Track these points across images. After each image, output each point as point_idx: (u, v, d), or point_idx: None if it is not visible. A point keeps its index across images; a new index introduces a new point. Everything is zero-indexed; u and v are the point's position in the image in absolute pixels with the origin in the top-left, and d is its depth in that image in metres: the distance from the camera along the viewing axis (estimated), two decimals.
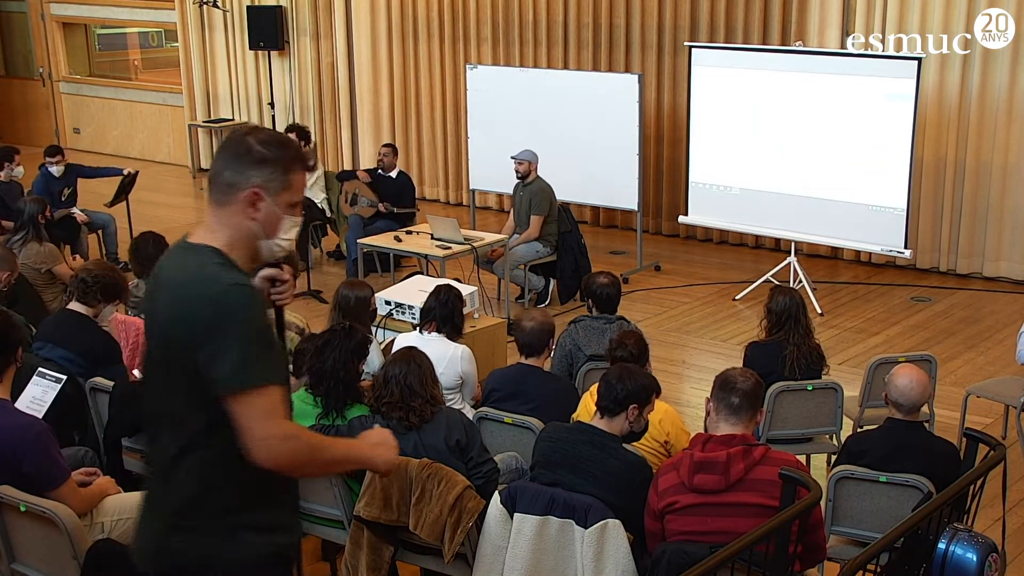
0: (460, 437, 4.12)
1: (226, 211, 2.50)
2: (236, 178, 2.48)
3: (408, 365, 4.23)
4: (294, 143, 2.62)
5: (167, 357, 2.43)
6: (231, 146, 2.50)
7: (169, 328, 2.42)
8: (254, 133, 2.51)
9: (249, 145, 2.48)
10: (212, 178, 2.52)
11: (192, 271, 2.43)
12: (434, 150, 12.34)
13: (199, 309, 2.36)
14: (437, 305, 5.33)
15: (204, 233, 2.52)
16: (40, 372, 4.45)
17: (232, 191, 2.48)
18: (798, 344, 5.27)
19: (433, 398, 4.22)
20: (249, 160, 2.48)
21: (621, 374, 3.97)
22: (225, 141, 2.52)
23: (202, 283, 2.39)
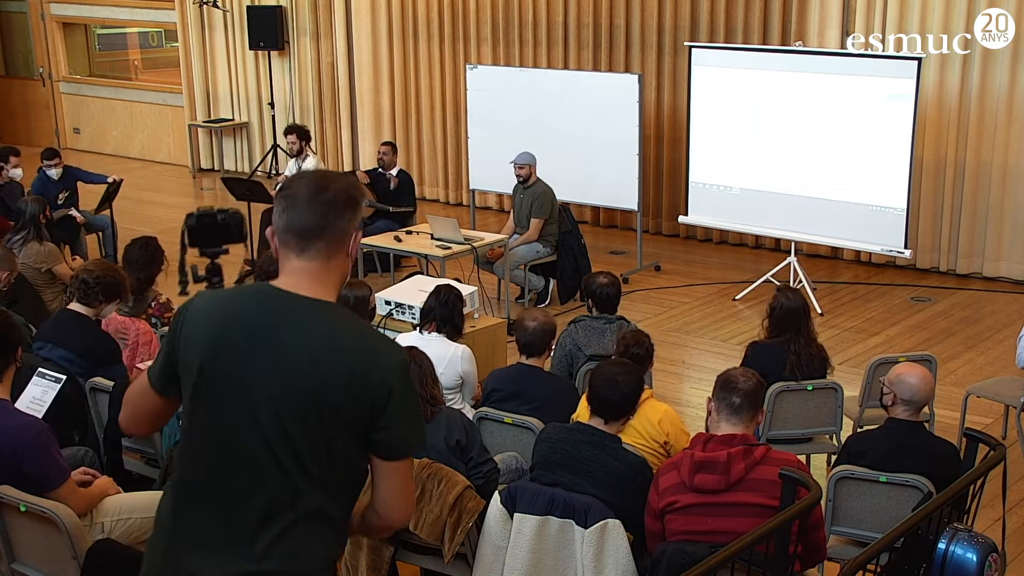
0: (460, 437, 4.11)
1: (336, 261, 2.41)
2: (347, 226, 2.40)
3: (408, 365, 4.22)
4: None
5: (308, 419, 2.30)
6: (326, 195, 2.37)
7: (335, 397, 2.30)
8: (328, 178, 2.43)
9: (340, 189, 2.40)
10: (313, 231, 2.36)
11: (355, 340, 2.36)
12: (434, 150, 12.35)
13: (380, 381, 2.31)
14: (437, 305, 5.33)
15: (314, 287, 2.38)
16: (40, 372, 4.44)
17: (344, 240, 2.41)
18: (799, 352, 5.26)
19: (433, 398, 4.21)
20: (349, 204, 2.41)
21: (611, 383, 3.93)
22: (312, 190, 2.37)
23: (376, 355, 2.35)
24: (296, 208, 2.36)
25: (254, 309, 2.38)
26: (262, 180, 11.34)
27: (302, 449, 2.29)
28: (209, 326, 2.37)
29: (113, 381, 4.83)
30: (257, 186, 9.59)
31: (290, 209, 2.37)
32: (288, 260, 2.40)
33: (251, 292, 2.49)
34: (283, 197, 2.40)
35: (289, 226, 2.38)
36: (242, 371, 2.31)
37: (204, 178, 14.07)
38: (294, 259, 2.38)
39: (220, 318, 2.38)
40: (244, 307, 2.40)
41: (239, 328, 2.35)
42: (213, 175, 14.05)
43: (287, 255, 2.40)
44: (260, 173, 13.39)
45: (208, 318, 2.39)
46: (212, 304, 2.44)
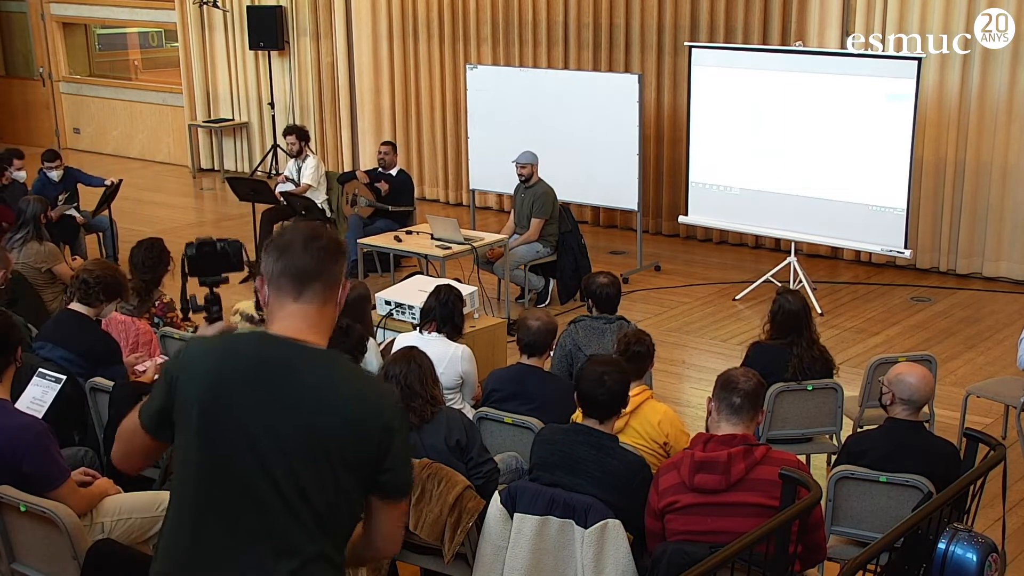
0: (460, 437, 4.12)
1: (329, 307, 2.47)
2: (339, 272, 2.49)
3: (408, 365, 4.23)
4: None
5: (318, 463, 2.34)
6: (321, 242, 2.45)
7: (342, 441, 2.34)
8: (317, 228, 2.51)
9: (332, 238, 2.50)
10: (311, 273, 2.42)
11: (355, 385, 2.41)
12: (434, 150, 12.35)
13: (384, 424, 2.36)
14: (437, 305, 5.33)
15: (311, 332, 2.43)
16: (40, 372, 4.44)
17: (337, 285, 2.47)
18: (801, 355, 5.25)
19: (433, 398, 4.21)
20: (340, 253, 2.50)
21: (597, 382, 3.90)
22: (306, 237, 2.45)
23: (377, 398, 2.41)
24: (292, 253, 2.43)
25: (254, 356, 2.41)
26: (262, 180, 11.34)
27: (312, 493, 2.32)
28: (207, 373, 2.39)
29: (113, 381, 4.84)
30: (261, 185, 9.60)
31: (286, 255, 2.43)
32: (284, 305, 2.43)
33: (250, 338, 2.53)
34: (276, 246, 2.45)
35: (285, 270, 2.43)
36: (245, 418, 2.34)
37: (204, 178, 14.07)
38: (291, 303, 2.43)
39: (219, 365, 2.40)
40: (244, 353, 2.43)
41: (239, 374, 2.38)
42: (213, 175, 14.06)
43: (283, 300, 2.43)
44: (260, 173, 13.40)
45: (206, 364, 2.41)
46: (210, 351, 2.47)
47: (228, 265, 4.04)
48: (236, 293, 8.76)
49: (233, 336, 2.54)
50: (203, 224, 12.04)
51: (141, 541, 3.92)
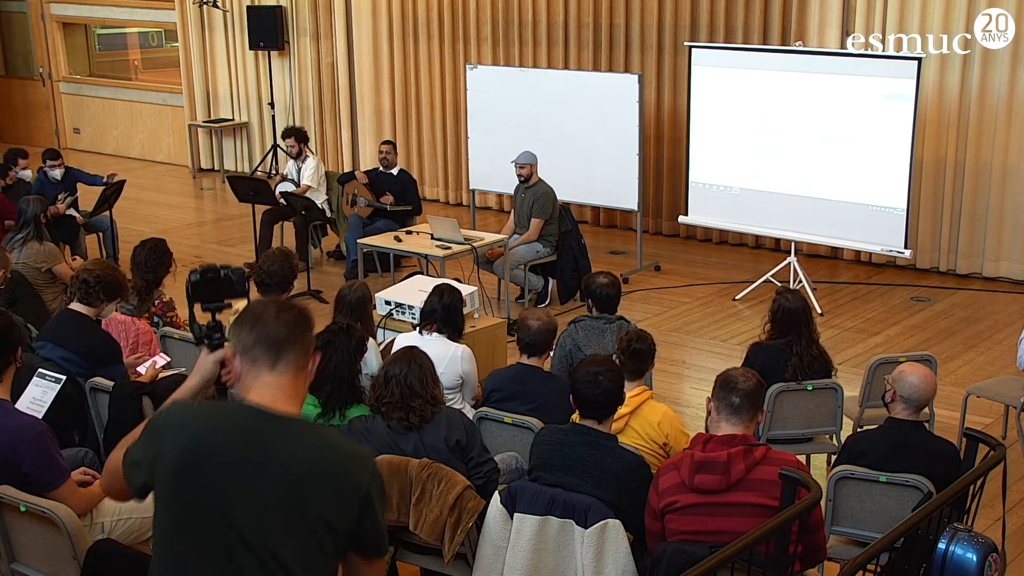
0: (460, 437, 4.11)
1: (302, 376, 2.51)
2: (311, 341, 2.54)
3: (408, 365, 4.22)
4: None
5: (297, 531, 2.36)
6: (293, 312, 2.52)
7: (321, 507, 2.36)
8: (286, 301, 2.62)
9: (301, 309, 2.56)
10: (285, 342, 2.47)
11: (332, 451, 2.43)
12: (434, 150, 12.35)
13: (362, 487, 2.39)
14: (439, 307, 5.32)
15: (287, 402, 2.47)
16: (40, 372, 4.44)
17: (309, 354, 2.53)
18: (800, 354, 5.25)
19: (434, 398, 4.21)
20: (310, 322, 2.56)
21: (592, 382, 3.90)
22: (276, 308, 2.51)
23: (354, 462, 2.44)
24: (265, 323, 2.47)
25: (233, 426, 2.43)
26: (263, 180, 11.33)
27: (291, 560, 2.34)
28: (187, 441, 2.40)
29: (113, 381, 4.83)
30: (262, 185, 9.59)
31: (259, 325, 2.48)
32: (259, 376, 2.47)
33: (230, 408, 2.54)
34: (248, 318, 2.50)
35: (259, 340, 2.47)
36: (223, 488, 2.36)
37: (204, 178, 14.07)
38: (266, 373, 2.46)
39: (198, 433, 2.42)
40: (223, 423, 2.44)
41: (218, 444, 2.39)
42: (213, 175, 14.06)
43: (257, 371, 2.47)
44: (260, 173, 13.40)
45: (186, 432, 2.42)
46: (190, 419, 2.46)
47: (231, 292, 4.06)
48: None
49: (211, 406, 2.54)
50: (203, 224, 12.04)
51: (141, 541, 3.92)
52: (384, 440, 4.08)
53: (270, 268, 5.67)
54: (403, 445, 4.06)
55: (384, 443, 4.08)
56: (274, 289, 5.68)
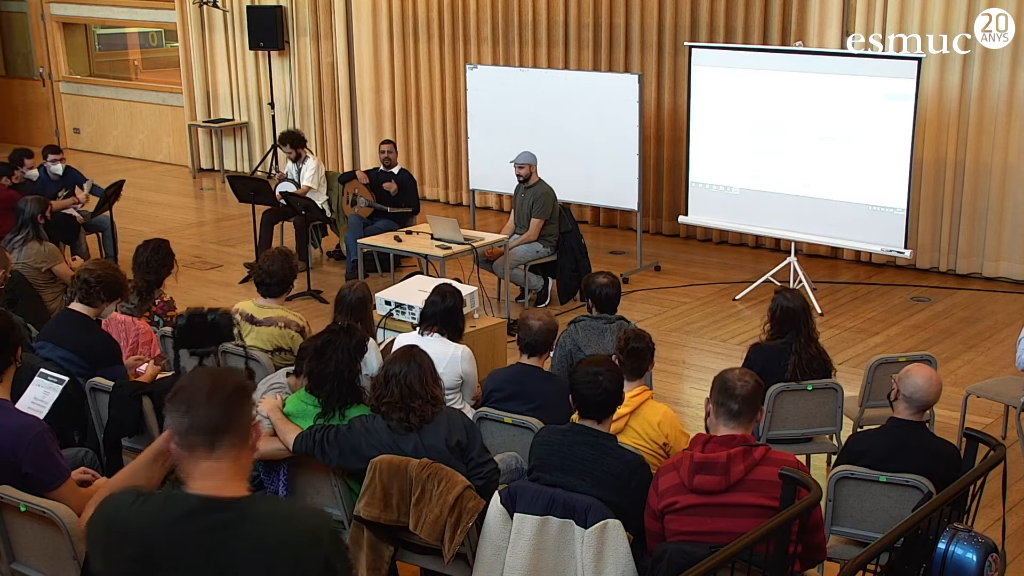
0: (460, 438, 4.11)
1: (244, 455, 2.42)
2: (248, 419, 2.43)
3: (408, 364, 4.21)
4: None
5: None
6: (226, 391, 2.37)
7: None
8: (221, 376, 2.43)
9: (236, 384, 2.41)
10: (221, 426, 2.35)
11: (285, 532, 2.34)
12: (434, 150, 12.35)
13: (323, 560, 2.33)
14: (440, 309, 5.31)
15: (229, 486, 2.36)
16: (42, 373, 4.44)
17: (248, 432, 2.42)
18: (799, 352, 5.25)
19: (434, 398, 4.19)
20: (246, 397, 2.44)
21: (592, 382, 3.89)
22: (209, 388, 2.36)
23: (310, 541, 2.35)
24: (198, 408, 2.35)
25: (177, 529, 2.33)
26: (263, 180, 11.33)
27: None
28: (131, 552, 2.34)
29: (113, 381, 4.84)
30: (262, 185, 9.60)
31: (192, 410, 2.35)
32: (197, 463, 2.35)
33: (171, 506, 2.37)
34: (179, 401, 2.37)
35: (194, 426, 2.35)
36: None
37: (204, 178, 14.07)
38: (204, 461, 2.35)
39: (142, 540, 2.34)
40: (165, 529, 2.33)
41: (163, 555, 2.32)
42: (213, 175, 14.06)
43: (195, 458, 2.35)
44: (260, 173, 13.40)
45: (128, 542, 2.34)
46: (132, 527, 2.36)
47: (219, 336, 4.05)
48: (236, 293, 8.80)
49: (155, 503, 2.39)
50: (203, 224, 12.05)
51: None
52: (384, 440, 4.08)
53: (270, 268, 5.67)
54: (403, 445, 4.06)
55: (384, 443, 4.08)
56: (274, 289, 5.68)
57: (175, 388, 2.40)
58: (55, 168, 9.50)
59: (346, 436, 4.09)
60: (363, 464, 4.02)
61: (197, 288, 9.24)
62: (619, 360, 4.63)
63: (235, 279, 9.62)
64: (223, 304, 5.32)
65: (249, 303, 5.73)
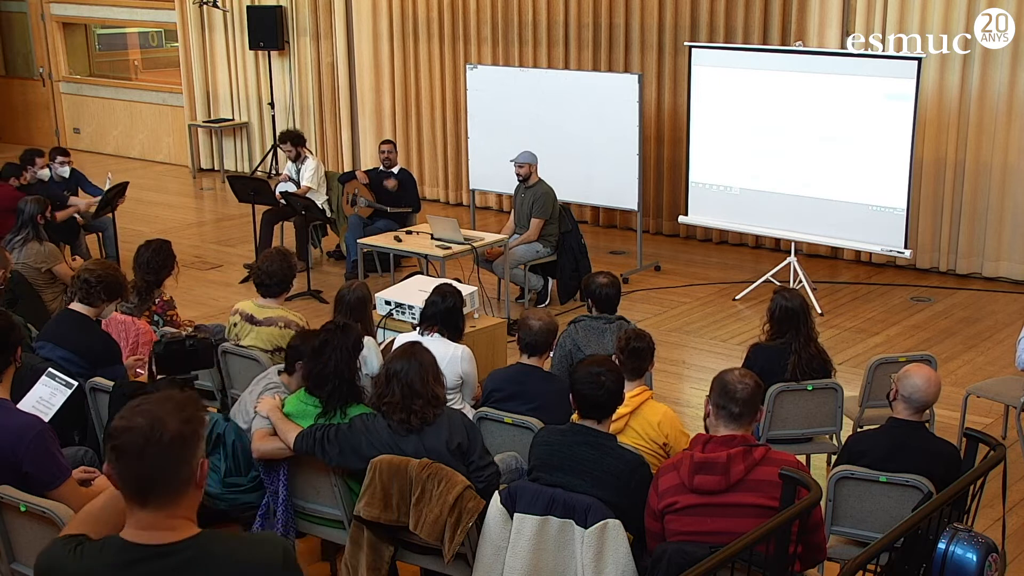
0: (461, 440, 4.10)
1: (186, 499, 2.27)
2: (187, 469, 2.25)
3: (410, 362, 4.19)
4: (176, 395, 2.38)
5: None
6: (161, 444, 2.20)
7: None
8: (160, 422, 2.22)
9: (175, 432, 2.22)
10: (148, 485, 2.20)
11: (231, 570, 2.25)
12: (434, 150, 12.35)
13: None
14: (440, 309, 5.31)
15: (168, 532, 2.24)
16: (50, 373, 4.42)
17: (188, 482, 2.26)
18: (799, 352, 5.25)
19: (435, 397, 4.17)
20: (187, 446, 2.24)
21: (594, 383, 3.88)
22: (142, 441, 2.19)
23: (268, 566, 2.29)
24: (128, 460, 2.21)
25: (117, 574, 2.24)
26: (263, 180, 11.33)
27: None
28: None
29: (113, 381, 4.83)
30: (262, 185, 9.59)
31: (122, 459, 2.22)
32: (133, 511, 2.25)
33: (108, 553, 2.28)
34: (111, 448, 2.23)
35: (123, 478, 2.23)
36: None
37: (204, 178, 14.07)
38: (139, 510, 2.24)
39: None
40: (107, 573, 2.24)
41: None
42: (213, 175, 14.06)
43: (130, 505, 2.25)
44: (260, 173, 13.40)
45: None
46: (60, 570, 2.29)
47: (197, 362, 4.01)
48: (236, 293, 8.80)
49: (91, 548, 2.30)
50: (203, 224, 12.05)
51: None
52: (385, 440, 4.08)
53: (269, 269, 5.67)
54: (404, 446, 4.06)
55: (384, 443, 4.07)
56: (273, 290, 5.68)
57: (113, 424, 2.25)
58: (61, 170, 9.50)
59: (346, 435, 4.09)
60: (363, 464, 4.02)
61: (197, 288, 9.25)
62: (619, 360, 4.63)
63: (235, 279, 9.62)
64: (223, 304, 5.33)
65: (249, 303, 5.73)
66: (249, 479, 4.32)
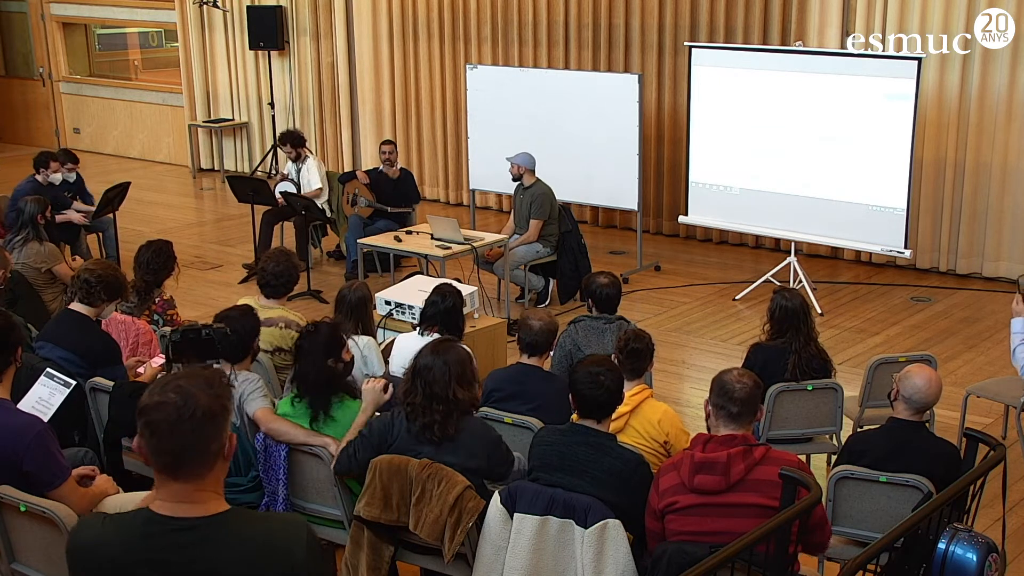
0: (480, 465, 3.98)
1: (215, 471, 2.32)
2: (218, 442, 2.30)
3: (435, 359, 3.97)
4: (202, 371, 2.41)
5: None
6: (194, 421, 2.24)
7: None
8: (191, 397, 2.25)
9: (204, 407, 2.27)
10: (182, 457, 2.25)
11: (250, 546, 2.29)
12: (434, 150, 12.35)
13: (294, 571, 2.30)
14: (440, 308, 5.30)
15: (197, 505, 2.28)
16: (48, 373, 4.43)
17: (219, 454, 2.31)
18: (799, 351, 5.26)
19: (457, 403, 3.94)
20: (216, 420, 2.29)
21: (594, 383, 3.87)
22: (174, 417, 2.23)
23: (275, 555, 2.30)
24: (161, 436, 2.25)
25: (142, 542, 2.29)
26: (263, 180, 11.33)
27: None
28: (99, 567, 2.30)
29: (113, 381, 4.83)
30: (262, 185, 9.59)
31: (155, 436, 2.26)
32: (165, 483, 2.29)
33: (135, 522, 2.33)
34: (145, 422, 2.26)
35: (157, 452, 2.27)
36: None
37: (204, 178, 14.07)
38: (170, 483, 2.29)
39: (96, 560, 2.30)
40: (133, 541, 2.29)
41: (131, 564, 2.28)
42: (213, 175, 14.06)
43: (162, 478, 2.29)
44: (260, 173, 13.40)
45: (97, 558, 2.31)
46: (89, 544, 2.34)
47: (212, 351, 4.00)
48: (236, 293, 8.79)
49: (122, 526, 2.34)
50: (203, 224, 12.05)
51: None
52: (403, 440, 4.01)
53: (273, 269, 5.66)
54: (419, 450, 3.98)
55: (402, 442, 4.01)
56: (276, 290, 5.67)
57: (144, 400, 2.28)
58: (69, 176, 9.49)
59: (369, 439, 4.07)
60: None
61: (197, 288, 9.25)
62: (618, 360, 4.63)
63: (235, 279, 9.62)
64: (223, 304, 5.33)
65: (252, 301, 5.73)
66: (249, 479, 4.33)
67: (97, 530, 2.35)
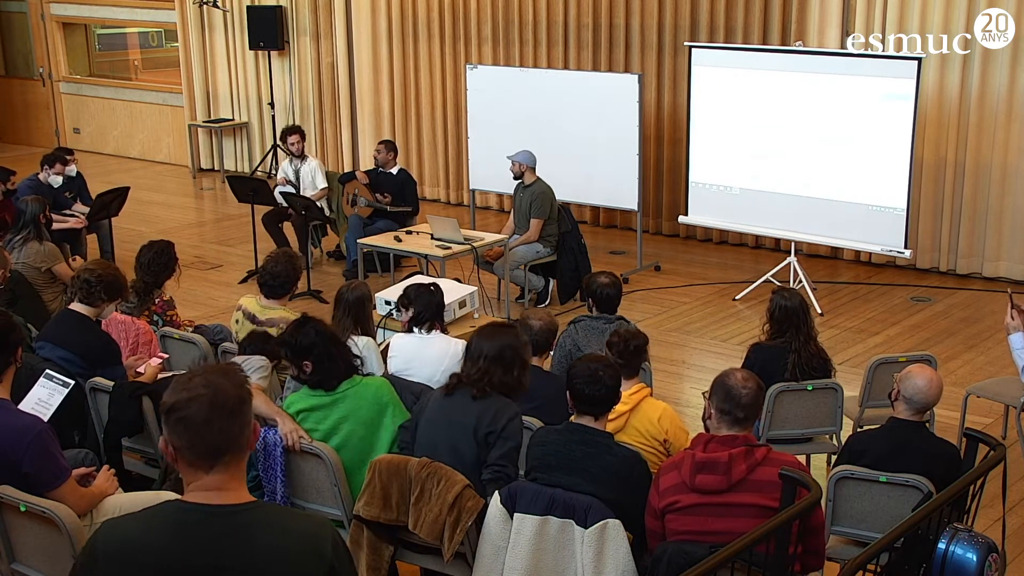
0: (492, 430, 3.99)
1: (242, 460, 2.37)
2: (246, 432, 2.35)
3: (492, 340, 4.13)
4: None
5: None
6: (225, 411, 2.29)
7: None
8: (220, 390, 2.29)
9: (232, 397, 2.31)
10: (217, 451, 2.29)
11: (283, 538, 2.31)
12: (434, 150, 12.35)
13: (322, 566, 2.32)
14: (433, 303, 5.29)
15: (229, 494, 2.32)
16: (47, 374, 4.43)
17: (247, 443, 2.37)
18: (799, 351, 5.26)
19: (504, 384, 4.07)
20: (242, 410, 2.33)
21: (593, 379, 3.88)
22: (207, 412, 2.27)
23: (308, 546, 2.33)
24: (195, 431, 2.28)
25: (175, 534, 2.30)
26: (263, 180, 11.33)
27: None
28: (131, 559, 2.29)
29: (113, 381, 4.83)
30: (262, 185, 9.59)
31: (189, 431, 2.28)
32: (196, 476, 2.32)
33: (167, 514, 2.35)
34: (177, 419, 2.28)
35: (192, 447, 2.30)
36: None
37: (204, 178, 14.07)
38: (204, 476, 2.32)
39: (142, 548, 2.30)
40: (165, 533, 2.31)
41: (163, 555, 2.28)
42: (213, 175, 14.06)
43: (194, 472, 2.32)
44: (260, 173, 13.40)
45: (129, 550, 2.30)
46: (129, 536, 2.33)
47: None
48: (236, 293, 8.79)
49: (152, 520, 2.35)
50: (203, 224, 12.05)
51: None
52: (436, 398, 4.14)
53: (274, 269, 5.66)
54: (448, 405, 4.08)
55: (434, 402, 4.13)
56: (277, 290, 5.67)
57: (171, 398, 2.30)
58: (68, 169, 9.49)
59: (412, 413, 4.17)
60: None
61: (197, 288, 9.24)
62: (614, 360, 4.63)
63: (235, 279, 9.61)
64: (223, 304, 5.33)
65: (253, 301, 5.74)
66: (249, 479, 4.32)
67: (123, 531, 2.34)
